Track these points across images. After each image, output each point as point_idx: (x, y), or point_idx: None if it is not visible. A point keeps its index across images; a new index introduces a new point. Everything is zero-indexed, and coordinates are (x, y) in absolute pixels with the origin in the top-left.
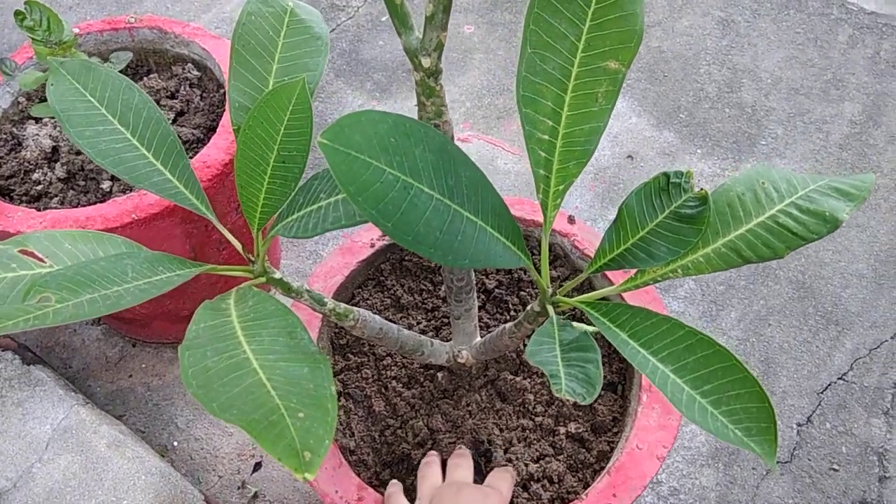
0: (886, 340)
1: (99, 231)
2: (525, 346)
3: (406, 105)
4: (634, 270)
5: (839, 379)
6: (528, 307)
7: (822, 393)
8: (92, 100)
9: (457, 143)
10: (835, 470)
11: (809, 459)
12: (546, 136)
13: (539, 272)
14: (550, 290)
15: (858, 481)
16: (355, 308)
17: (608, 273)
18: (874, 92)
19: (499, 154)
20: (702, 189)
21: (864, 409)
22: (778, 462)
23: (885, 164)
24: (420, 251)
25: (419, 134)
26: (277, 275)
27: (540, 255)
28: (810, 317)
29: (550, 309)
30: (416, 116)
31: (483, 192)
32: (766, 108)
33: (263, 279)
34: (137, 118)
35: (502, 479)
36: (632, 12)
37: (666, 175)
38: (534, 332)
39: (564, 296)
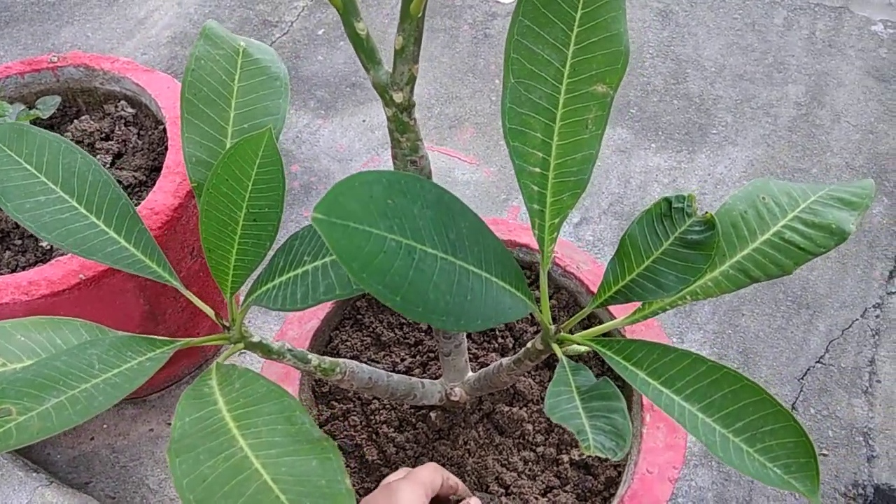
0: (857, 319)
1: (54, 317)
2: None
3: (354, 121)
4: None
5: (817, 362)
6: (530, 344)
7: (802, 379)
8: (29, 167)
9: None
10: (824, 455)
11: None
12: (537, 169)
13: (539, 309)
14: (553, 328)
15: (848, 463)
16: (341, 360)
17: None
18: (814, 72)
19: (455, 165)
20: (706, 213)
21: (845, 390)
22: None
23: (833, 143)
24: (432, 321)
25: (415, 189)
26: (256, 338)
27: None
28: (781, 303)
29: (558, 349)
30: (365, 133)
31: (484, 240)
32: (714, 96)
33: (242, 345)
34: (83, 183)
35: (425, 468)
36: (616, 32)
37: (667, 200)
38: (533, 367)
39: (568, 332)
